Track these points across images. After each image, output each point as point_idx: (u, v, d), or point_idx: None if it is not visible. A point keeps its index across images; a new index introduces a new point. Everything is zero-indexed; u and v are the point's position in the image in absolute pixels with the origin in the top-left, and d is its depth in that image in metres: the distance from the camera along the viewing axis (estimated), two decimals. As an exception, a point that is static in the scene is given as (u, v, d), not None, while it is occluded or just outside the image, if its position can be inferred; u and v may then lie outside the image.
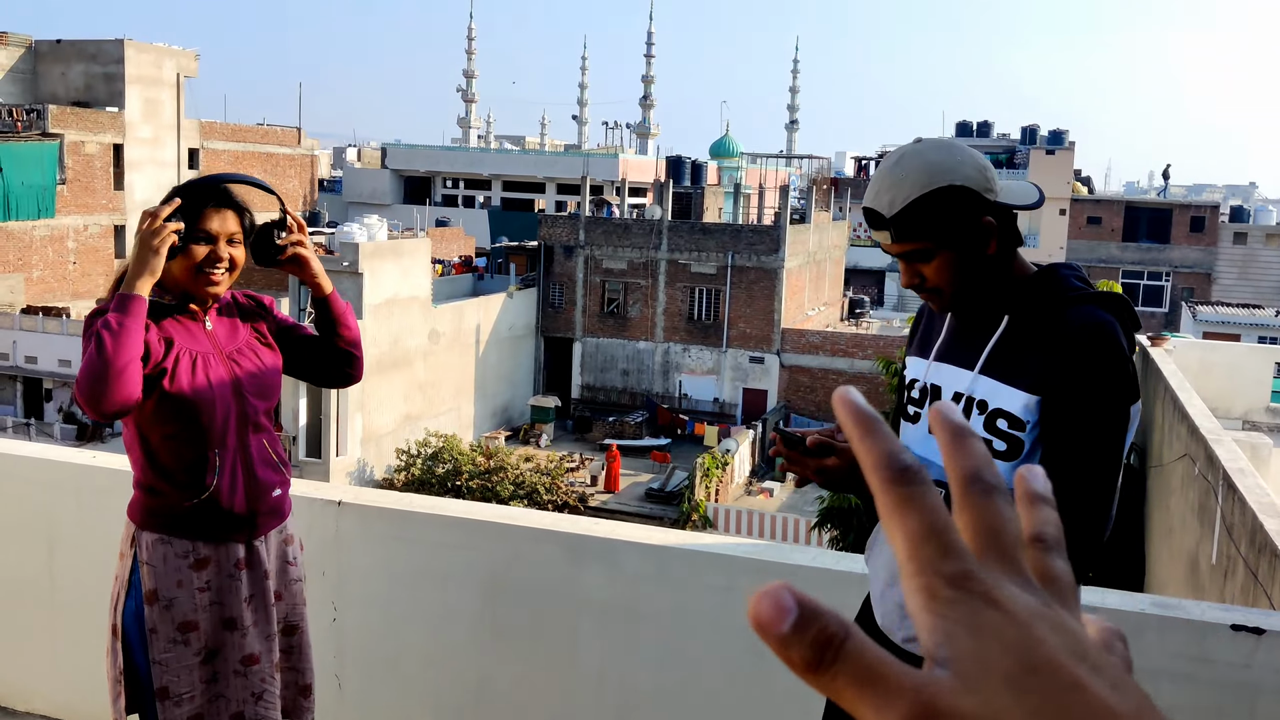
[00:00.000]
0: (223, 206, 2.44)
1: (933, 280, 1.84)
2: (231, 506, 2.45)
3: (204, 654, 2.43)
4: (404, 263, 33.89)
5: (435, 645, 3.20)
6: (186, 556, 2.42)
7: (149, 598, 2.40)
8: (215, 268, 2.43)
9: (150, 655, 2.40)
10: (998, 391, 1.81)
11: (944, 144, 1.84)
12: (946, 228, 1.79)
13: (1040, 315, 1.82)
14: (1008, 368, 1.81)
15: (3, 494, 3.68)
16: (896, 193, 1.79)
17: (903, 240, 1.81)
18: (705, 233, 40.26)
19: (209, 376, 2.42)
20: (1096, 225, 47.62)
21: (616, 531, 3.08)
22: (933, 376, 1.94)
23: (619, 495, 31.28)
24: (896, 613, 1.90)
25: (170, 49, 43.89)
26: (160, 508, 2.43)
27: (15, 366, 33.30)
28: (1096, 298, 1.82)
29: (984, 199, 1.79)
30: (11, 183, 36.06)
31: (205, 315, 2.50)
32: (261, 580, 2.51)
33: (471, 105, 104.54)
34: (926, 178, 1.77)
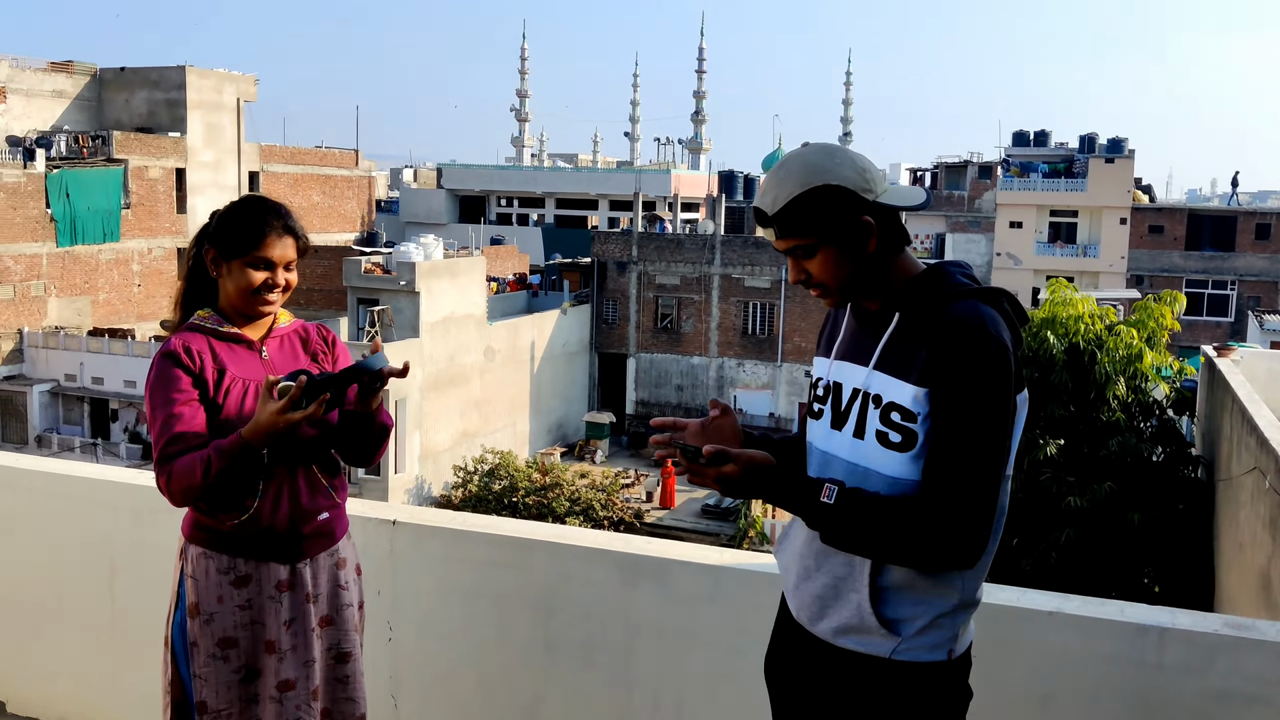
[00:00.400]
0: (284, 234, 2.46)
1: (817, 275, 1.95)
2: (273, 526, 2.45)
3: (243, 673, 2.44)
4: (460, 281, 34.16)
5: (489, 665, 3.18)
6: (227, 573, 2.44)
7: (191, 610, 2.43)
8: (271, 292, 2.47)
9: (191, 669, 2.42)
10: (889, 386, 1.88)
11: (826, 148, 1.94)
12: (824, 225, 1.90)
13: (925, 311, 1.89)
14: (897, 363, 1.88)
15: (64, 515, 3.73)
16: (779, 192, 1.91)
17: (785, 237, 1.93)
18: (759, 246, 40.13)
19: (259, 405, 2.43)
20: (1159, 234, 46.75)
21: (670, 551, 3.04)
22: (834, 374, 2.02)
23: (675, 511, 31.21)
24: (813, 605, 1.98)
25: (230, 74, 44.74)
26: (205, 523, 2.46)
27: (82, 387, 34.01)
28: (978, 293, 1.90)
29: (861, 199, 1.88)
30: (78, 208, 36.91)
31: (262, 345, 2.52)
32: (303, 604, 2.50)
33: (525, 124, 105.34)
34: (805, 177, 1.88)
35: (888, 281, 1.95)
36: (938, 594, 1.89)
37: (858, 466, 1.92)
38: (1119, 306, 14.05)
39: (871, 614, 1.89)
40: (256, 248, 2.43)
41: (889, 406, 1.88)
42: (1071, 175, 48.93)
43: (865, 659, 1.91)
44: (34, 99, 41.79)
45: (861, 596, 1.90)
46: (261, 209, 2.48)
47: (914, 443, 1.85)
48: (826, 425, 2.01)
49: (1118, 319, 10.68)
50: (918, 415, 1.85)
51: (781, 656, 2.11)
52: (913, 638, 1.89)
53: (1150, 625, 2.57)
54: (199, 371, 2.41)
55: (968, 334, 1.82)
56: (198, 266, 2.53)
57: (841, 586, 1.93)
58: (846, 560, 1.93)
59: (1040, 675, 2.64)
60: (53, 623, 3.78)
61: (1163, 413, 10.51)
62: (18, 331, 34.88)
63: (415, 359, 31.56)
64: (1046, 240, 48.32)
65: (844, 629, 1.93)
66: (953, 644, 1.91)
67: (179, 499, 2.36)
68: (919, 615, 1.89)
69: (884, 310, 1.96)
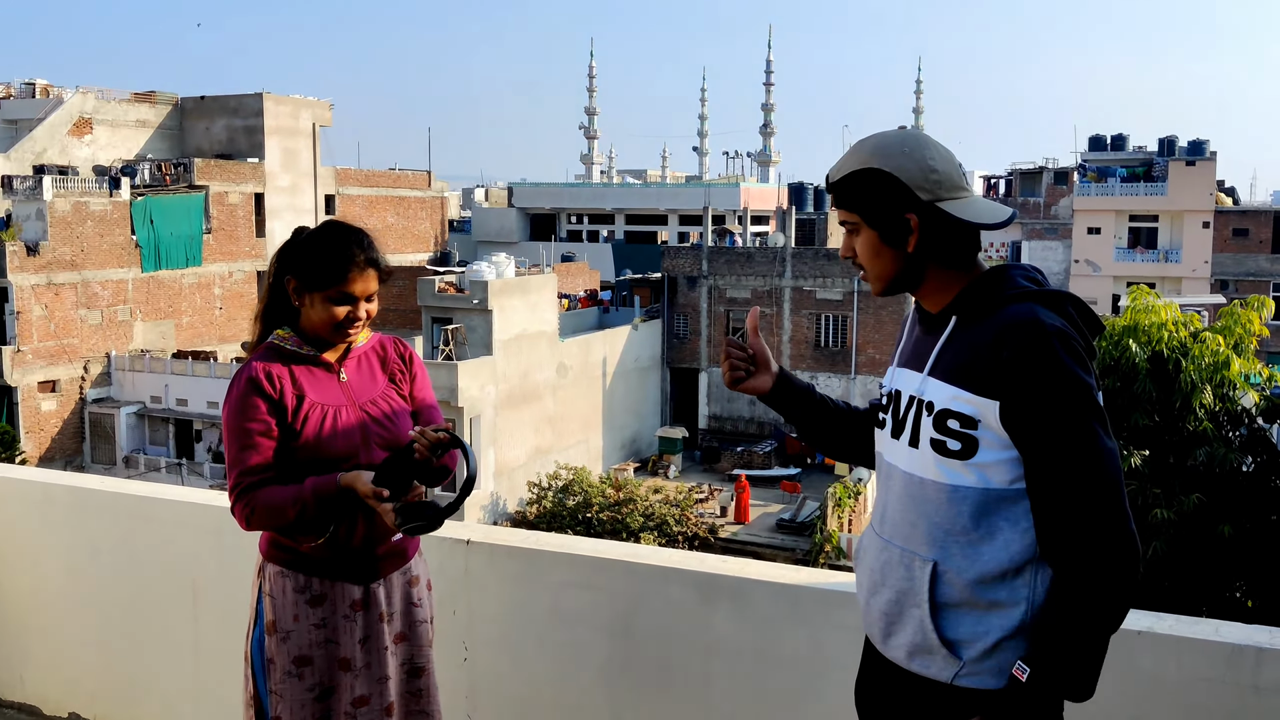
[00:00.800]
0: (366, 267, 2.46)
1: (858, 255, 1.95)
2: (349, 548, 2.47)
3: (318, 690, 2.46)
4: (531, 298, 34.42)
5: (564, 686, 3.17)
6: (303, 592, 2.47)
7: (269, 628, 2.47)
8: (353, 325, 2.48)
9: (268, 685, 2.46)
10: (943, 392, 1.83)
11: (906, 136, 1.91)
12: (868, 207, 1.89)
13: (981, 315, 1.84)
14: (953, 369, 1.83)
15: (148, 537, 3.81)
16: (844, 162, 1.92)
17: (838, 207, 1.95)
18: (830, 258, 39.85)
19: (337, 429, 2.46)
20: (1243, 237, 45.53)
21: (747, 570, 3.01)
22: (895, 382, 1.99)
23: (749, 526, 31.01)
24: (880, 621, 1.93)
25: (306, 100, 45.71)
26: (283, 543, 2.49)
27: (167, 409, 34.89)
28: (1034, 295, 1.83)
29: (914, 195, 1.85)
30: (162, 234, 37.95)
31: (340, 367, 2.54)
32: (377, 623, 2.52)
33: (594, 141, 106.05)
34: (866, 156, 1.88)
35: (946, 285, 1.91)
36: (999, 613, 1.81)
37: (913, 476, 1.87)
38: (1203, 313, 13.68)
39: (934, 631, 1.83)
40: (339, 283, 2.43)
41: (943, 414, 1.82)
42: (1151, 179, 47.90)
43: (931, 684, 1.85)
44: (119, 129, 43.11)
45: (923, 612, 1.84)
46: (344, 241, 2.46)
47: (973, 450, 1.79)
48: (889, 434, 1.98)
49: (1202, 325, 10.39)
50: (978, 421, 1.79)
51: (865, 680, 2.07)
52: (975, 661, 1.81)
53: (1247, 645, 2.48)
54: (278, 398, 2.43)
55: (1028, 339, 1.75)
56: (277, 286, 2.53)
57: (904, 601, 1.88)
58: (907, 573, 1.87)
59: (1131, 698, 2.56)
60: (138, 643, 3.86)
61: (1252, 421, 10.18)
62: (106, 355, 35.92)
63: (489, 376, 31.84)
64: (1126, 246, 47.33)
65: (911, 649, 1.87)
66: (1020, 667, 1.80)
67: (257, 527, 2.41)
68: (979, 637, 1.81)
69: (942, 314, 1.91)
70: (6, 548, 4.10)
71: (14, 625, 4.11)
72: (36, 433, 33.94)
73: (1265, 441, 10.22)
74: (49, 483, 4.09)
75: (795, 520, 30.67)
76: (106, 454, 34.50)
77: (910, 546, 1.88)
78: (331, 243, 2.46)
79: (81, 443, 35.29)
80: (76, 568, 3.96)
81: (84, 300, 35.53)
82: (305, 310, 2.49)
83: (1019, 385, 1.75)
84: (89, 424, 35.42)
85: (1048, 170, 49.71)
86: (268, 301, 2.56)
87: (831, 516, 28.16)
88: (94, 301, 35.89)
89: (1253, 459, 10.05)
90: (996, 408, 1.77)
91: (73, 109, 41.60)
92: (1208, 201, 45.70)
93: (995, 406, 1.77)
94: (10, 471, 4.27)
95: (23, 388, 33.48)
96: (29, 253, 33.77)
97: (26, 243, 33.87)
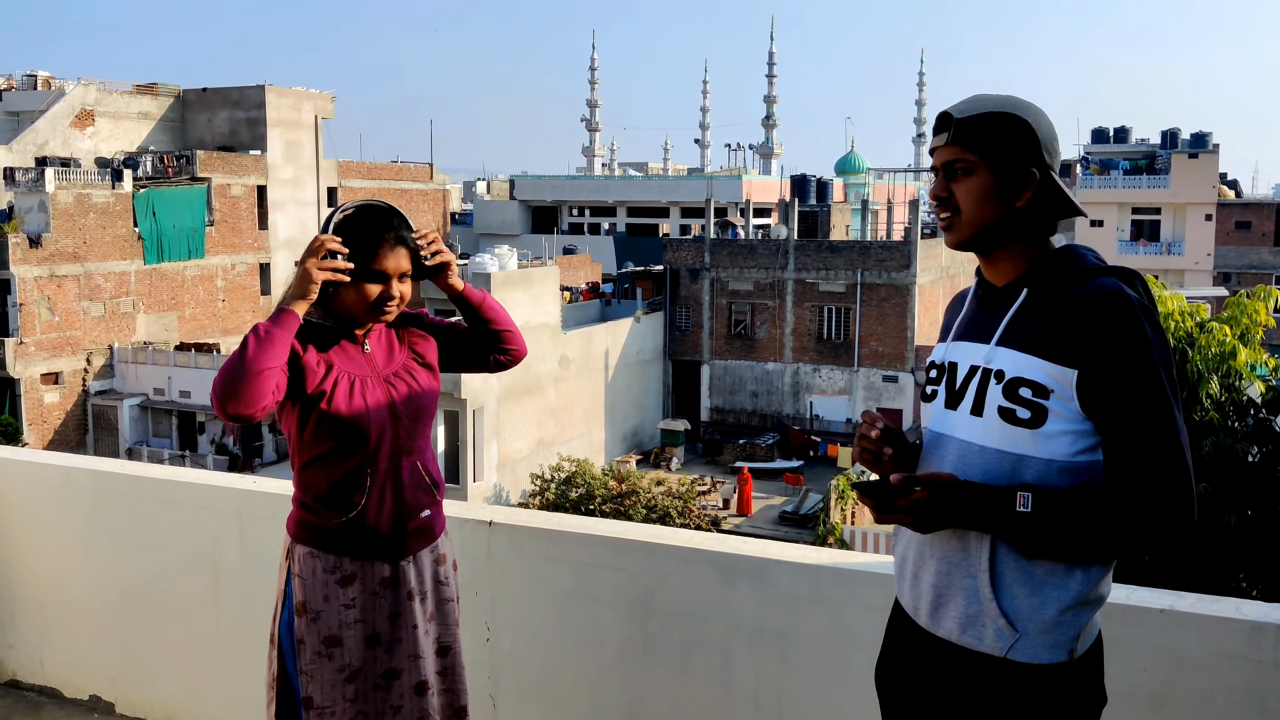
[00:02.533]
0: (398, 245, 2.47)
1: (959, 198, 1.92)
2: (378, 526, 2.48)
3: (348, 671, 2.47)
4: (534, 291, 34.43)
5: (587, 666, 3.19)
6: (334, 572, 2.47)
7: (299, 609, 2.47)
8: (388, 305, 2.49)
9: (298, 665, 2.46)
10: (1016, 361, 1.83)
11: (1037, 105, 1.94)
12: (997, 150, 1.88)
13: (1056, 288, 1.86)
14: (1027, 338, 1.84)
15: (170, 519, 3.83)
16: (975, 104, 1.91)
17: (957, 143, 1.90)
18: (833, 251, 39.84)
19: (366, 400, 2.46)
20: (1245, 230, 45.52)
21: (767, 550, 3.03)
22: (950, 355, 1.99)
23: (752, 519, 31.06)
24: (929, 595, 1.93)
25: (308, 92, 45.67)
26: (312, 523, 2.49)
27: (170, 401, 34.91)
28: (1113, 270, 1.88)
29: (1041, 154, 1.89)
30: (164, 226, 37.94)
31: (365, 339, 2.55)
32: (406, 600, 2.53)
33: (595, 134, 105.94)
34: (1007, 104, 1.90)
35: (1018, 256, 1.93)
36: (1055, 584, 1.81)
37: (972, 445, 1.87)
38: (1207, 305, 13.66)
39: (993, 599, 1.82)
40: (370, 261, 2.44)
41: (1015, 381, 1.82)
42: (1153, 172, 47.87)
43: (981, 658, 1.83)
44: (121, 121, 43.09)
45: (978, 583, 1.84)
46: (374, 220, 2.47)
47: (1043, 419, 1.80)
48: (940, 405, 1.97)
49: (1207, 316, 10.39)
50: (1051, 391, 1.79)
51: (894, 660, 2.05)
52: (1032, 636, 1.81)
53: (1268, 623, 2.50)
54: (303, 355, 2.42)
55: (1114, 307, 1.78)
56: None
57: (955, 572, 1.88)
58: (961, 544, 1.87)
59: (1152, 675, 2.58)
60: (159, 626, 3.88)
61: (1258, 412, 10.19)
62: (108, 347, 35.93)
63: (491, 368, 31.82)
64: (1129, 239, 47.31)
65: (964, 622, 1.86)
66: (1074, 643, 1.82)
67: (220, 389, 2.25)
68: (1037, 609, 1.81)
69: (1012, 286, 1.92)
70: (27, 531, 4.13)
71: (34, 608, 4.14)
72: (39, 425, 33.97)
73: (1271, 432, 10.24)
74: (69, 466, 4.11)
75: (798, 513, 30.72)
76: (109, 446, 34.53)
77: None
78: (362, 222, 2.47)
79: (84, 435, 35.32)
80: (97, 551, 3.99)
81: (86, 292, 35.54)
82: (340, 294, 2.47)
83: (1104, 354, 1.77)
84: (92, 416, 35.45)
85: (1050, 163, 49.57)
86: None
87: (834, 509, 28.19)
88: (97, 294, 35.89)
89: (1259, 449, 10.06)
90: (1075, 377, 1.79)
91: (75, 101, 41.58)
92: (1210, 194, 45.68)
93: (1074, 375, 1.79)
94: (31, 455, 4.30)
95: (25, 380, 33.50)
96: (31, 245, 33.77)
97: (29, 235, 33.86)
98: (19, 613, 4.17)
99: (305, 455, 2.48)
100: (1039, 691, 1.81)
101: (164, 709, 3.91)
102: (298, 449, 2.50)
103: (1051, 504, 1.77)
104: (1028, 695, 1.81)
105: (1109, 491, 1.76)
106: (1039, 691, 1.81)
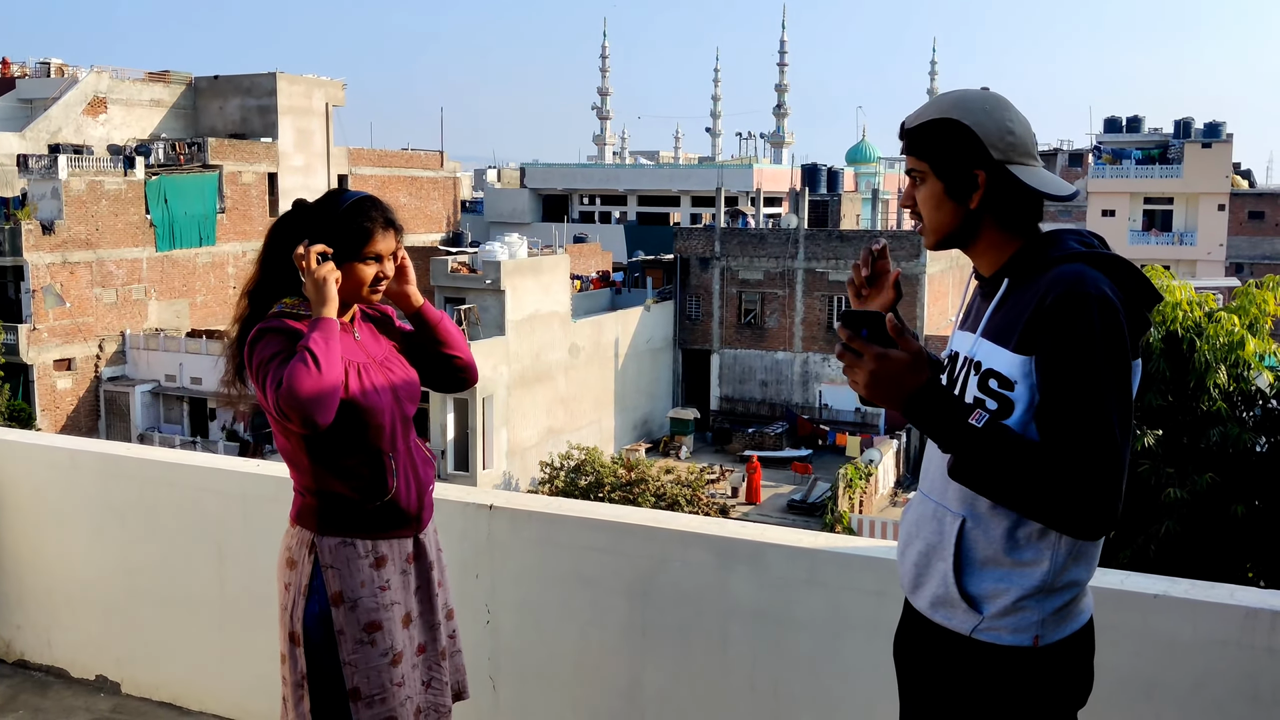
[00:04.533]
0: (388, 228, 2.53)
1: (919, 205, 1.97)
2: (408, 505, 2.53)
3: (391, 655, 2.48)
4: (544, 279, 34.45)
5: (586, 649, 3.22)
6: (368, 556, 2.49)
7: (335, 600, 2.45)
8: (381, 284, 2.54)
9: (340, 657, 2.45)
10: (991, 353, 1.86)
11: (992, 98, 1.93)
12: (939, 157, 1.90)
13: (1031, 278, 1.86)
14: (1001, 329, 1.86)
15: (176, 502, 3.87)
16: (923, 111, 1.94)
17: (908, 154, 1.96)
18: (843, 240, 39.77)
19: (374, 384, 2.50)
20: (1259, 220, 45.27)
21: (765, 534, 3.05)
22: (953, 344, 2.03)
23: (760, 507, 31.09)
24: (910, 572, 1.99)
25: (319, 80, 45.70)
26: (341, 511, 2.49)
27: (182, 388, 35.06)
28: (1085, 257, 1.85)
29: (986, 153, 1.87)
30: (176, 213, 38.05)
31: (354, 327, 2.59)
32: (427, 571, 2.60)
33: (606, 122, 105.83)
34: (947, 108, 1.91)
35: (999, 247, 1.94)
36: (1020, 571, 1.84)
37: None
38: (1219, 295, 13.61)
39: (955, 585, 1.87)
40: (365, 244, 2.50)
41: (987, 373, 1.85)
42: (1166, 161, 47.63)
43: (953, 636, 1.90)
44: (133, 109, 43.19)
45: (947, 566, 1.89)
46: (361, 205, 2.53)
47: (1010, 411, 1.81)
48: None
49: (1217, 306, 10.36)
50: (1015, 383, 1.81)
51: (903, 635, 2.12)
52: (994, 617, 1.85)
53: (1262, 609, 2.51)
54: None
55: (1067, 295, 1.76)
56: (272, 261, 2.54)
57: (932, 555, 1.93)
58: (938, 527, 1.92)
59: (1146, 660, 2.59)
60: (165, 608, 3.92)
61: (1267, 401, 10.16)
62: (121, 334, 36.08)
63: (501, 356, 31.92)
64: (1141, 228, 47.10)
65: (934, 601, 1.93)
66: (1039, 629, 1.84)
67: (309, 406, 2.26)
68: (1000, 593, 1.84)
69: (995, 277, 1.94)
70: (34, 513, 4.17)
71: (42, 590, 4.18)
72: (52, 410, 34.15)
73: (1279, 422, 10.21)
74: (76, 449, 4.15)
75: (806, 501, 30.74)
76: (121, 432, 34.70)
77: (943, 502, 1.92)
78: (352, 209, 2.52)
79: (97, 421, 35.50)
80: (103, 533, 4.03)
81: (99, 279, 35.68)
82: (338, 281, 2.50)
83: (1048, 340, 1.77)
84: (104, 402, 35.63)
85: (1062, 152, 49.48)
86: (260, 278, 2.56)
87: (843, 497, 28.22)
88: (109, 281, 36.04)
89: (1266, 439, 10.04)
90: (1033, 364, 1.79)
91: (87, 88, 41.68)
92: (1223, 184, 45.45)
93: (1032, 363, 1.79)
94: (38, 438, 4.34)
95: (38, 365, 33.68)
96: (44, 231, 33.91)
97: (42, 221, 34.00)
98: (27, 594, 4.21)
99: (327, 444, 2.45)
100: (1003, 672, 1.85)
101: (169, 689, 3.95)
102: (307, 442, 2.45)
103: (999, 433, 1.76)
104: (992, 675, 1.86)
105: (1046, 454, 1.74)
106: (1003, 672, 1.85)
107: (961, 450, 1.79)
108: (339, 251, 2.48)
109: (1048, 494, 1.73)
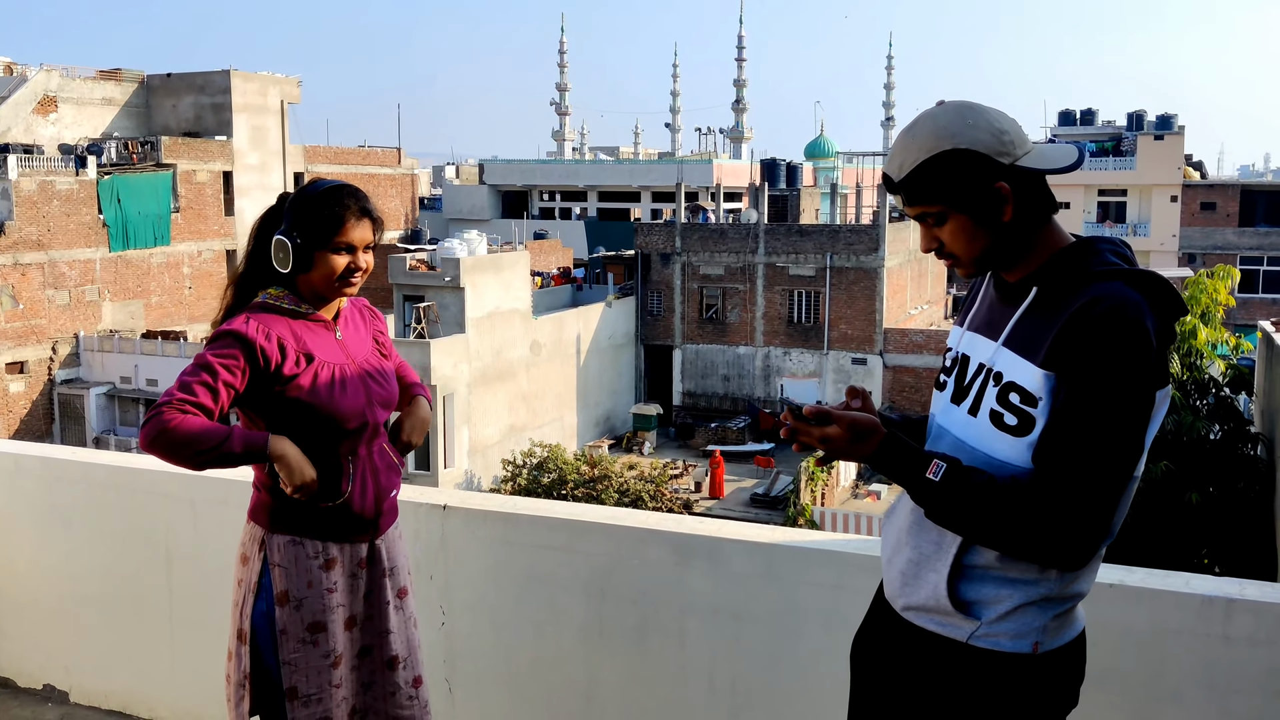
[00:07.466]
0: (363, 217, 2.48)
1: (948, 245, 1.84)
2: (362, 510, 2.49)
3: (332, 657, 2.46)
4: (504, 276, 34.29)
5: (543, 648, 3.18)
6: (317, 557, 2.46)
7: (280, 599, 2.43)
8: (354, 276, 2.49)
9: (280, 656, 2.43)
10: (1014, 365, 1.77)
11: (959, 108, 1.81)
12: (953, 192, 1.78)
13: (1064, 289, 1.77)
14: (1026, 341, 1.77)
15: (123, 506, 3.79)
16: (905, 156, 1.80)
17: (913, 204, 1.83)
18: (803, 234, 39.91)
19: (346, 387, 2.47)
20: (1210, 211, 45.92)
21: (723, 530, 3.03)
22: (964, 346, 1.93)
23: (724, 501, 31.15)
24: (898, 580, 1.92)
25: (274, 77, 45.18)
26: (293, 510, 2.46)
27: (137, 389, 34.56)
28: (1125, 274, 1.74)
29: (996, 163, 1.77)
30: (129, 213, 37.49)
31: (336, 325, 2.54)
32: (380, 578, 2.56)
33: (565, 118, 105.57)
34: (933, 141, 1.77)
35: (1029, 253, 1.83)
36: (1025, 580, 1.78)
37: (965, 444, 1.83)
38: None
39: (946, 596, 1.81)
40: (337, 233, 2.44)
41: (1009, 386, 1.77)
42: (1120, 154, 48.17)
43: (945, 642, 1.83)
44: (84, 107, 42.50)
45: (940, 577, 1.82)
46: (337, 193, 2.48)
47: (1030, 428, 1.74)
48: (947, 398, 1.93)
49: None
50: (1039, 399, 1.73)
51: (870, 636, 2.05)
52: (993, 623, 1.79)
53: (1216, 596, 2.52)
54: (276, 363, 2.40)
55: (1105, 316, 1.67)
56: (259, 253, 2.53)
57: (924, 564, 1.86)
58: (937, 537, 1.85)
59: (1102, 650, 2.58)
60: (113, 613, 3.84)
61: (1219, 390, 10.30)
62: (74, 336, 35.51)
63: (462, 354, 31.74)
64: (1095, 220, 47.62)
65: (922, 608, 1.86)
66: (1040, 636, 1.79)
67: (158, 449, 2.26)
68: (1001, 599, 1.79)
69: (1022, 284, 1.84)
70: (-23, 520, 4.06)
71: (-14, 598, 4.08)
72: (5, 414, 33.57)
73: (1232, 410, 10.35)
74: (20, 454, 4.05)
75: (769, 495, 30.83)
76: (76, 435, 34.16)
77: None
78: (325, 196, 2.47)
79: (51, 424, 34.93)
80: (49, 539, 3.94)
81: (51, 280, 35.09)
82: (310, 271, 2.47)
83: (1075, 361, 1.69)
84: (58, 405, 35.06)
85: (1018, 145, 49.76)
86: (247, 268, 2.55)
87: (805, 490, 28.33)
88: (61, 282, 35.45)
89: (1220, 427, 10.17)
90: (1055, 380, 1.73)
91: (37, 87, 40.95)
92: (1176, 176, 46.05)
93: (1055, 379, 1.73)
94: (-20, 443, 4.23)
95: (-11, 369, 33.09)
96: (-6, 233, 33.28)
97: (-9, 222, 33.38)
98: (-29, 603, 4.11)
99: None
100: (1000, 679, 1.80)
101: (119, 697, 3.87)
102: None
103: (960, 481, 1.73)
104: (988, 682, 1.80)
105: (1018, 492, 1.71)
106: (1000, 679, 1.80)
107: (925, 502, 1.78)
108: (309, 239, 2.43)
109: (1019, 531, 1.71)
